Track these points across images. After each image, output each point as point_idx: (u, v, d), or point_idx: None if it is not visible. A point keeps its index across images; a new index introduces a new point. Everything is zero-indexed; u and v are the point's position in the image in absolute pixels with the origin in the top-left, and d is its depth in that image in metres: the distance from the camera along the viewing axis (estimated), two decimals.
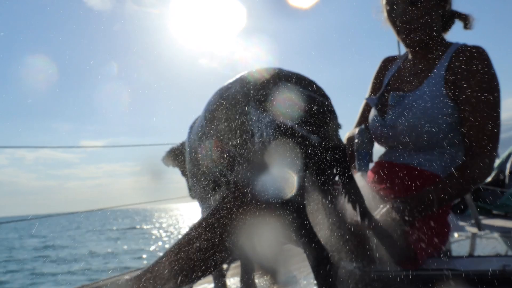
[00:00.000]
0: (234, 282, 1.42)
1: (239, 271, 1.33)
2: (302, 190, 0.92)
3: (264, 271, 1.40)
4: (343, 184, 1.00)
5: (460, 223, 3.01)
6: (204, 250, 1.02)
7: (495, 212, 3.64)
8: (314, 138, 0.90)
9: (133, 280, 1.04)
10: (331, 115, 0.96)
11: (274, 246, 1.16)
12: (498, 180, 3.87)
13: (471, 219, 2.78)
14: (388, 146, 1.39)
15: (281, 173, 0.90)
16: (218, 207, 1.04)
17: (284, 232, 1.12)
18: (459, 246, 1.45)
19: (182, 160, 1.36)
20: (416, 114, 1.23)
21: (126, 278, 1.06)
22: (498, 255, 1.22)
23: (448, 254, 1.30)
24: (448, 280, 1.15)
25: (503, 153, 4.13)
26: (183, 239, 1.06)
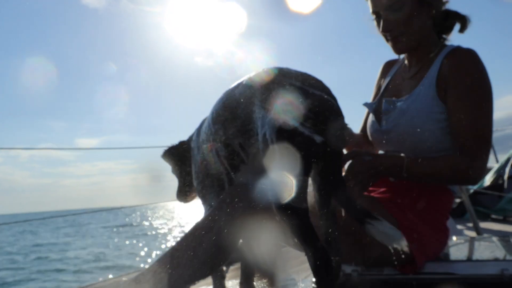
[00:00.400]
0: (233, 284, 1.42)
1: (238, 273, 1.33)
2: (304, 193, 0.92)
3: (263, 274, 1.40)
4: (333, 188, 0.99)
5: (459, 227, 3.01)
6: (202, 252, 1.02)
7: (494, 216, 3.64)
8: (318, 138, 0.89)
9: (131, 282, 1.04)
10: (337, 115, 0.96)
11: (273, 249, 1.16)
12: (497, 184, 3.87)
13: (469, 223, 2.79)
14: (385, 151, 1.39)
15: (284, 175, 0.89)
16: (216, 210, 1.05)
17: (283, 235, 1.12)
18: (458, 250, 1.46)
19: (179, 159, 1.35)
20: (408, 119, 1.23)
21: (123, 279, 1.06)
22: (496, 259, 1.22)
23: (446, 258, 1.31)
24: (446, 284, 1.16)
25: (502, 157, 4.13)
26: (182, 241, 1.06)
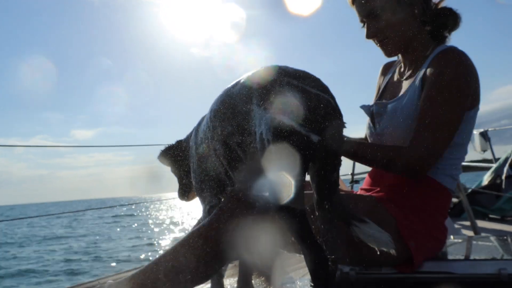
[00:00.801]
0: (231, 282, 1.42)
1: (236, 271, 1.33)
2: (302, 193, 0.92)
3: (261, 272, 1.40)
4: (327, 188, 1.00)
5: (457, 226, 3.02)
6: (199, 258, 1.02)
7: (492, 215, 3.65)
8: (315, 138, 0.88)
9: (126, 282, 1.04)
10: (335, 114, 0.95)
11: (271, 249, 1.16)
12: (494, 184, 3.88)
13: (467, 223, 2.79)
14: None
15: (281, 174, 0.89)
16: (216, 217, 1.04)
17: (281, 241, 1.11)
18: (455, 250, 1.46)
19: (177, 159, 1.35)
20: (397, 121, 1.23)
21: (119, 280, 1.06)
22: (494, 259, 1.23)
23: (444, 257, 1.31)
24: (444, 283, 1.16)
25: (502, 155, 4.14)
26: (180, 245, 1.06)
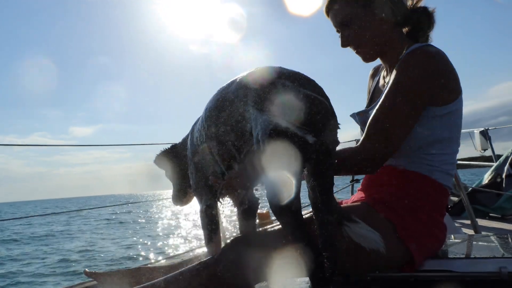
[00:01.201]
0: None
1: None
2: (298, 193, 0.92)
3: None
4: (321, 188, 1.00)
5: (457, 225, 3.01)
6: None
7: (492, 214, 3.65)
8: (311, 139, 0.89)
9: None
10: (330, 115, 0.96)
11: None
12: (495, 182, 3.88)
13: (467, 221, 2.79)
14: None
15: (277, 175, 0.89)
16: (220, 258, 1.08)
17: (290, 271, 1.13)
18: (456, 248, 1.46)
19: (173, 163, 1.34)
20: None
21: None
22: (494, 257, 1.23)
23: (444, 255, 1.31)
24: (445, 282, 1.16)
25: (502, 153, 4.14)
26: (179, 275, 1.08)
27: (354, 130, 1.47)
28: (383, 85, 1.37)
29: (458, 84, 1.21)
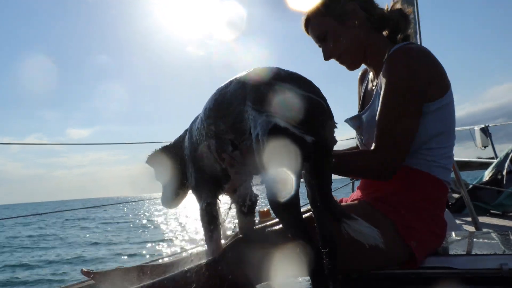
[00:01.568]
0: None
1: None
2: (297, 191, 0.92)
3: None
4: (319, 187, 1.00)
5: (458, 222, 3.01)
6: None
7: (493, 211, 3.65)
8: (309, 138, 0.90)
9: None
10: (327, 115, 0.97)
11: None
12: (496, 179, 3.88)
13: (468, 218, 2.79)
14: None
15: (276, 174, 0.90)
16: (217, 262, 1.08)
17: (290, 271, 1.12)
18: (457, 245, 1.46)
19: (165, 163, 1.33)
20: (373, 130, 1.24)
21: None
22: (495, 254, 1.23)
23: (445, 252, 1.31)
24: (446, 279, 1.16)
25: (502, 152, 4.14)
26: (172, 278, 1.08)
27: (351, 130, 1.48)
28: (372, 88, 1.39)
29: (446, 77, 1.23)
